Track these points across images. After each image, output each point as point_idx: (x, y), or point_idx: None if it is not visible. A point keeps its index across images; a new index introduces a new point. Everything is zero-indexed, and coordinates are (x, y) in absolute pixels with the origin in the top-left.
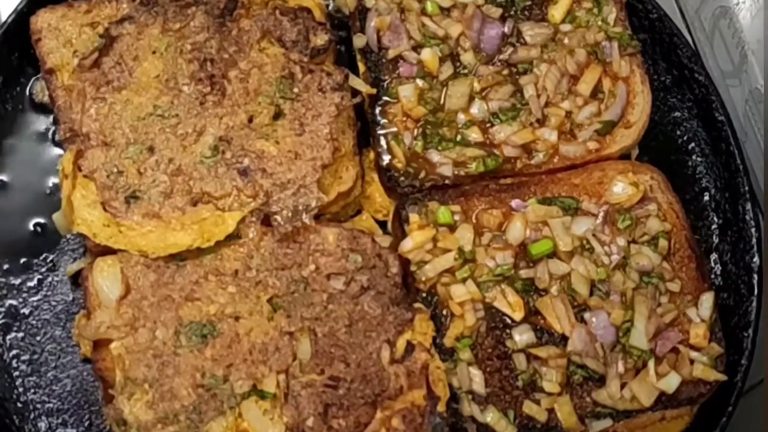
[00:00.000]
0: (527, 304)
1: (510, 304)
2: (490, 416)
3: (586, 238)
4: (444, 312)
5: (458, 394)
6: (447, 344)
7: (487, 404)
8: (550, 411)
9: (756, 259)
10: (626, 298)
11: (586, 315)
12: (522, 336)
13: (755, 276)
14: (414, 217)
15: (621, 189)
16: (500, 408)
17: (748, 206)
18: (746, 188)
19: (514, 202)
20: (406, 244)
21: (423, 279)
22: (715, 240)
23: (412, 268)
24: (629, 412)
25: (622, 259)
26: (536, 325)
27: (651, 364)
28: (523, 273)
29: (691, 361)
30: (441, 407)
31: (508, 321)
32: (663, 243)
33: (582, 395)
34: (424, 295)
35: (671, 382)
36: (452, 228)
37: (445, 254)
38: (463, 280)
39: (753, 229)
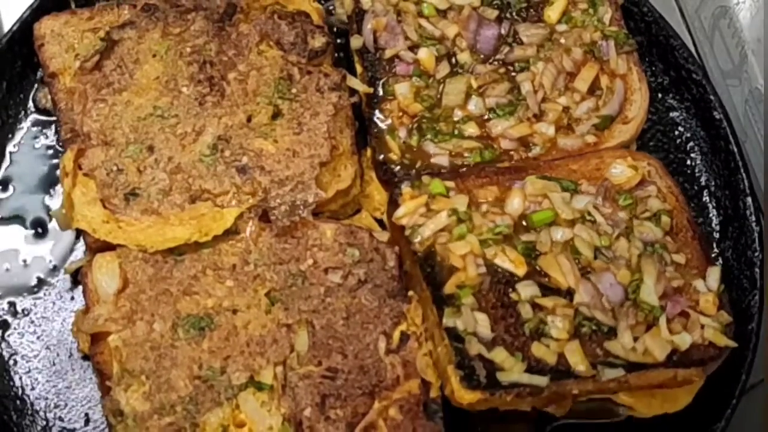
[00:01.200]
0: (529, 264)
1: (512, 261)
2: (498, 354)
3: (588, 210)
4: (444, 266)
5: (463, 336)
6: (447, 291)
7: (493, 345)
8: (560, 355)
9: (758, 253)
10: (632, 263)
11: (593, 276)
12: (526, 289)
13: (757, 270)
14: (406, 190)
15: (620, 171)
16: (507, 350)
17: (749, 202)
18: (746, 184)
19: (512, 183)
20: (399, 211)
21: (419, 240)
22: (717, 236)
23: (407, 232)
24: (642, 365)
25: (625, 230)
26: (540, 282)
27: (663, 319)
28: (524, 237)
29: (702, 326)
30: (434, 393)
31: (511, 279)
32: (665, 219)
33: (592, 346)
34: (421, 256)
35: (684, 339)
36: (446, 197)
37: (440, 213)
38: (461, 237)
39: (754, 224)
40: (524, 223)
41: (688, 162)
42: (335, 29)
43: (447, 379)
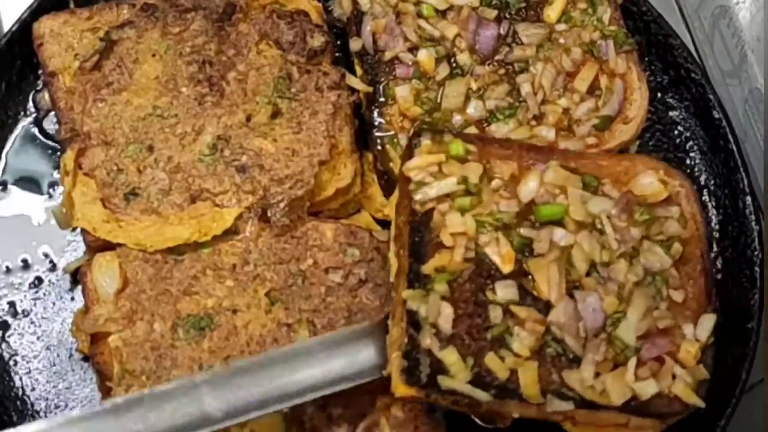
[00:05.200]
0: (519, 261)
1: (500, 255)
2: (448, 355)
3: (600, 217)
4: (433, 239)
5: (422, 323)
6: (425, 271)
7: (447, 344)
8: (513, 372)
9: (758, 252)
10: (624, 290)
11: (578, 293)
12: (505, 290)
13: (757, 269)
14: (426, 142)
15: (648, 182)
16: (461, 352)
17: (748, 200)
18: (746, 183)
19: (535, 163)
20: (412, 162)
21: (420, 198)
22: (716, 236)
23: (411, 186)
24: (594, 404)
25: (631, 250)
26: (523, 286)
27: (632, 363)
28: (524, 231)
29: (674, 377)
30: None
31: (495, 273)
32: (677, 246)
33: (550, 370)
34: (418, 217)
35: (647, 388)
36: (462, 161)
37: (449, 178)
38: (462, 211)
39: (753, 224)
40: (530, 216)
41: (688, 161)
42: (334, 28)
43: (391, 362)
